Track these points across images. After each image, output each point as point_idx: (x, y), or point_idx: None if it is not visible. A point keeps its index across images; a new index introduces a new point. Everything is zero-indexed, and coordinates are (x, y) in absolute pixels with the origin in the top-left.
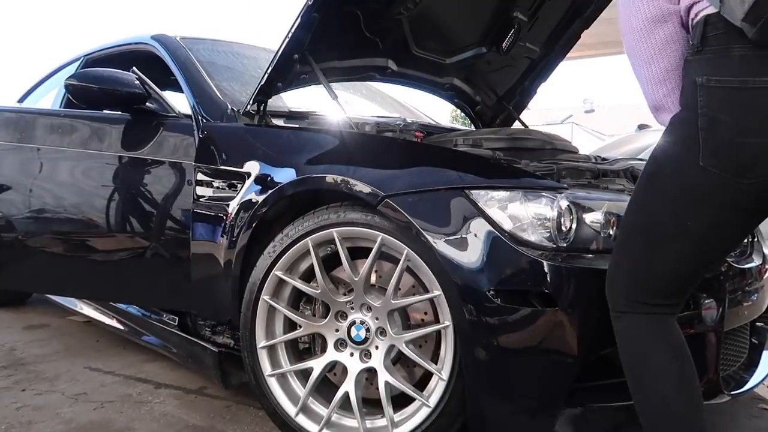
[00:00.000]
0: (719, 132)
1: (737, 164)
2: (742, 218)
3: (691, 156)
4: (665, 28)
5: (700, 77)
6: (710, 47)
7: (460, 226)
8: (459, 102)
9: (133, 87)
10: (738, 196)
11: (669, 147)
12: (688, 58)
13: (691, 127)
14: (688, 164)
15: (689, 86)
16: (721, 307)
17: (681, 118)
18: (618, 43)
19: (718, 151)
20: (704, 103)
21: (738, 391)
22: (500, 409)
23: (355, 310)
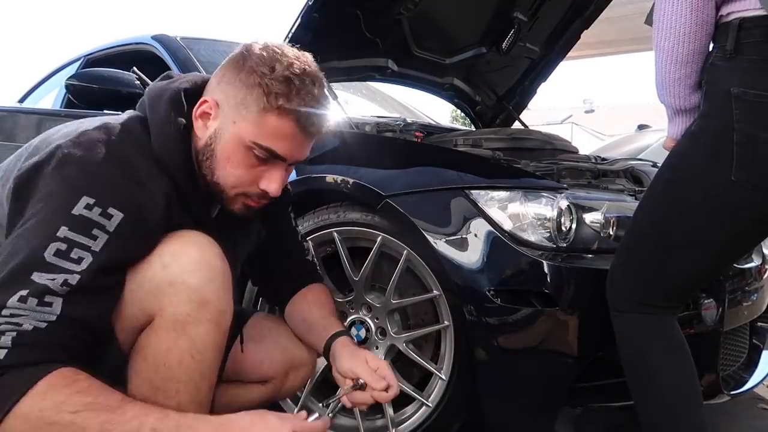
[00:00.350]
0: (758, 149)
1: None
2: (764, 229)
3: (722, 169)
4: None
5: (735, 88)
6: (747, 56)
7: (461, 226)
8: (459, 102)
9: (134, 87)
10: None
11: (693, 157)
12: (717, 62)
13: (724, 140)
14: (717, 177)
15: (719, 95)
16: (721, 307)
17: (709, 128)
18: (618, 43)
19: (753, 167)
20: (741, 117)
21: (738, 390)
22: (500, 408)
23: (355, 310)
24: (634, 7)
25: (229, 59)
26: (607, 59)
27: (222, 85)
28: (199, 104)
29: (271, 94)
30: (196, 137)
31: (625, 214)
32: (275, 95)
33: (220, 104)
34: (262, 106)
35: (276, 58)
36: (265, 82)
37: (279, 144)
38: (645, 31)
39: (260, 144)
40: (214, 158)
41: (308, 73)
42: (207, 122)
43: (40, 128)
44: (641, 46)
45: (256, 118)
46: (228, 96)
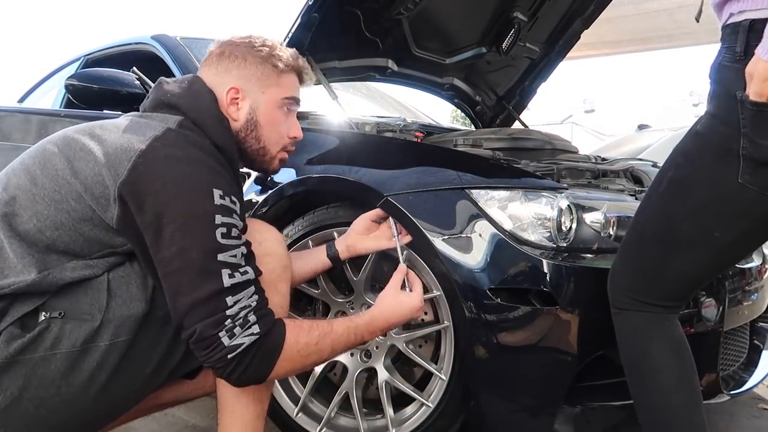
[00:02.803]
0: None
1: None
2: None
3: (729, 171)
4: None
5: (740, 92)
6: None
7: (461, 225)
8: (459, 102)
9: (134, 87)
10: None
11: (700, 157)
12: (725, 63)
13: (732, 143)
14: (725, 179)
15: (726, 97)
16: (721, 307)
17: (717, 129)
18: (618, 43)
19: (759, 171)
20: (746, 124)
21: (738, 390)
22: (500, 408)
23: (355, 310)
24: (634, 8)
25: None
26: (607, 59)
27: (233, 72)
28: (227, 94)
29: (277, 61)
30: (232, 121)
31: (625, 214)
32: (280, 60)
33: (242, 87)
34: (277, 72)
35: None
36: (269, 54)
37: (296, 91)
38: (645, 31)
39: (287, 97)
40: (259, 126)
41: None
42: (237, 105)
43: (40, 128)
44: (641, 46)
45: (277, 81)
46: (246, 77)
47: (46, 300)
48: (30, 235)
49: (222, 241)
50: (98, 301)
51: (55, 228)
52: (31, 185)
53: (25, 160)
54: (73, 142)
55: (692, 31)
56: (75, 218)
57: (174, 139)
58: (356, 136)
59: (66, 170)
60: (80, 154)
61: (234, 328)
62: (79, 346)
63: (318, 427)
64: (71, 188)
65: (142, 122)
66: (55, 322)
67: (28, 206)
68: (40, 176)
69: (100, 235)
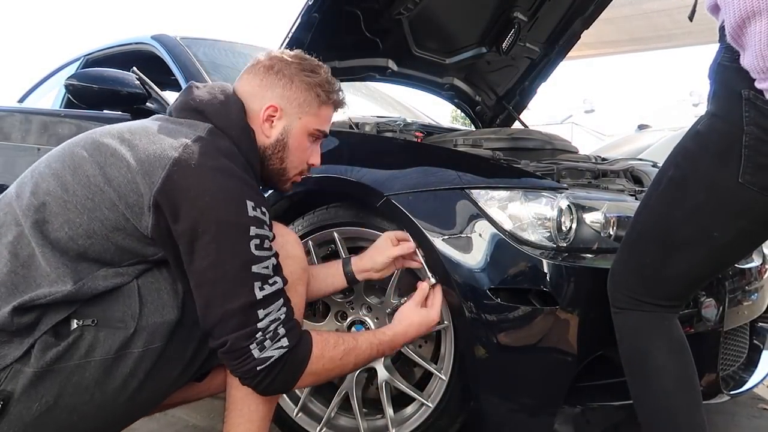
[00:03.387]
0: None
1: None
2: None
3: (729, 171)
4: None
5: (746, 90)
6: None
7: (461, 225)
8: (459, 102)
9: (133, 87)
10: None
11: (700, 157)
12: (725, 63)
13: (733, 142)
14: (725, 179)
15: (728, 96)
16: (721, 307)
17: (717, 129)
18: (618, 43)
19: (761, 170)
20: (751, 121)
21: (737, 390)
22: (500, 408)
23: (355, 310)
24: (634, 8)
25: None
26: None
27: (277, 90)
28: (265, 110)
29: (323, 93)
30: (261, 136)
31: (625, 214)
32: (326, 93)
33: (283, 107)
34: (319, 102)
35: (311, 63)
36: (317, 83)
37: (328, 125)
38: (645, 31)
39: (319, 129)
40: (287, 148)
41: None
42: (272, 123)
43: (40, 128)
44: (641, 46)
45: (317, 111)
46: (288, 99)
47: (77, 308)
48: (62, 243)
49: (256, 252)
50: (131, 309)
51: (87, 236)
52: (62, 191)
53: (53, 163)
54: (103, 146)
55: (692, 31)
56: (108, 227)
57: (206, 148)
58: (356, 136)
59: (99, 177)
60: (111, 160)
61: (264, 341)
62: (113, 353)
63: (318, 427)
64: (105, 196)
65: (171, 127)
66: (89, 330)
67: (59, 213)
68: (72, 182)
69: (132, 244)
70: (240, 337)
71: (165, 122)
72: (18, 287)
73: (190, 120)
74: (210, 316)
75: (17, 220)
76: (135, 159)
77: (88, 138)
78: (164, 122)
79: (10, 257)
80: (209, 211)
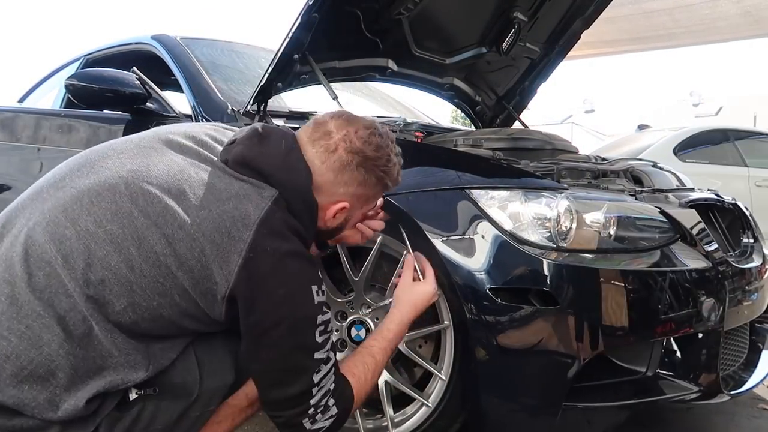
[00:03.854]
0: None
1: None
2: None
3: None
4: None
5: None
6: None
7: (461, 225)
8: (459, 102)
9: (134, 87)
10: None
11: None
12: None
13: None
14: None
15: None
16: (721, 307)
17: None
18: (618, 42)
19: None
20: None
21: (737, 390)
22: (500, 408)
23: (355, 310)
24: (634, 8)
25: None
26: (607, 59)
27: (351, 188)
28: (336, 208)
29: (391, 183)
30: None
31: (625, 214)
32: (393, 182)
33: (351, 204)
34: (382, 190)
35: (385, 153)
36: (383, 174)
37: None
38: (645, 30)
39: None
40: (341, 232)
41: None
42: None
43: (39, 128)
44: (641, 46)
45: (377, 197)
46: (358, 197)
47: None
48: (124, 327)
49: (319, 339)
50: (191, 374)
51: (152, 320)
52: (127, 270)
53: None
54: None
55: (692, 31)
56: (176, 313)
57: (279, 228)
58: None
59: (169, 257)
60: (180, 235)
61: (316, 415)
62: (174, 420)
63: None
64: (176, 282)
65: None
66: (150, 399)
67: (122, 294)
68: (137, 258)
69: (196, 326)
70: (295, 414)
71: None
72: (78, 371)
73: (253, 179)
74: (270, 395)
75: (67, 288)
76: (206, 238)
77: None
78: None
79: (65, 336)
80: (282, 307)
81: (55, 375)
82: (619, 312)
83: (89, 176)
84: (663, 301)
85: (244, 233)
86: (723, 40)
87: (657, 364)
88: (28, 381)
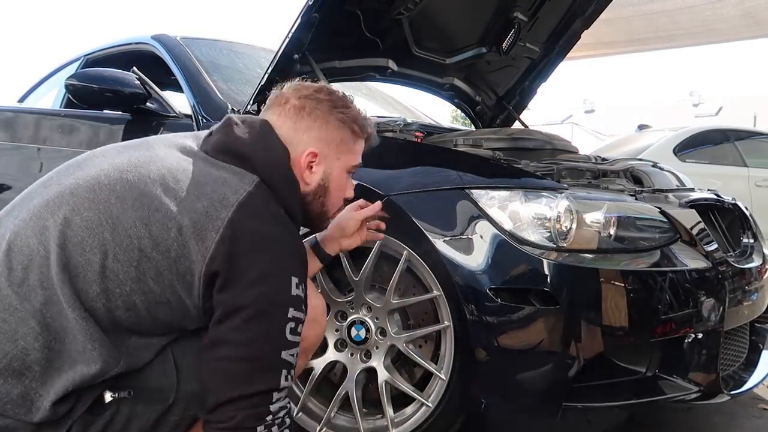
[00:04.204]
0: None
1: None
2: None
3: None
4: None
5: None
6: None
7: (461, 225)
8: (459, 102)
9: (134, 87)
10: None
11: None
12: None
13: None
14: None
15: None
16: (721, 307)
17: None
18: (618, 43)
19: None
20: None
21: (737, 390)
22: (500, 408)
23: (355, 310)
24: (634, 9)
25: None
26: (607, 59)
27: (313, 132)
28: (305, 157)
29: (358, 127)
30: (302, 184)
31: (625, 214)
32: (360, 127)
33: (321, 151)
34: (354, 138)
35: (341, 98)
36: (351, 118)
37: (361, 158)
38: (645, 31)
39: (356, 164)
40: (328, 192)
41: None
42: (311, 170)
43: (39, 128)
44: (641, 46)
45: (352, 148)
46: (326, 141)
47: None
48: (97, 314)
49: (289, 337)
50: (168, 378)
51: (126, 309)
52: (101, 255)
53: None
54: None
55: (692, 32)
56: (150, 301)
57: (259, 210)
58: None
59: (144, 238)
60: (156, 216)
61: (272, 426)
62: (150, 425)
63: (318, 427)
64: (151, 264)
65: (216, 175)
66: (125, 403)
67: (95, 281)
68: (111, 243)
69: (172, 318)
70: (250, 416)
71: (208, 166)
72: (52, 363)
73: (234, 167)
74: (224, 391)
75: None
76: (183, 217)
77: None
78: (206, 166)
79: (41, 329)
80: (255, 287)
81: (30, 368)
82: (619, 312)
83: (74, 175)
84: (663, 301)
85: (222, 212)
86: (723, 41)
87: (657, 365)
88: (3, 375)
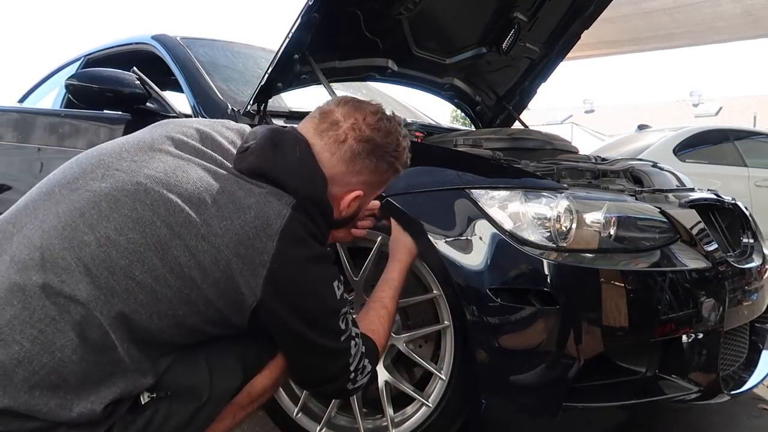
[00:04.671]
0: None
1: None
2: None
3: None
4: None
5: None
6: None
7: (461, 225)
8: (459, 102)
9: (134, 87)
10: None
11: None
12: None
13: None
14: None
15: None
16: (721, 307)
17: None
18: (618, 43)
19: None
20: None
21: (737, 390)
22: (501, 408)
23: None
24: (634, 8)
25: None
26: (607, 59)
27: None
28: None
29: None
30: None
31: (625, 214)
32: (403, 165)
33: (365, 192)
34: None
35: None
36: (400, 163)
37: None
38: (645, 30)
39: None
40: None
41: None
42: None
43: (39, 128)
44: (641, 46)
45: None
46: (370, 184)
47: None
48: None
49: (342, 325)
50: (201, 378)
51: (176, 326)
52: (152, 280)
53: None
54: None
55: (692, 31)
56: (200, 320)
57: (300, 235)
58: None
59: (193, 269)
60: (203, 246)
61: (356, 377)
62: (184, 422)
63: (318, 427)
64: (201, 293)
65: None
66: (162, 403)
67: (147, 304)
68: (161, 269)
69: (218, 332)
70: (339, 386)
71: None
72: (89, 377)
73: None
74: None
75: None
76: (230, 250)
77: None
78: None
79: (80, 342)
80: (309, 310)
81: (66, 381)
82: (619, 312)
83: (105, 179)
84: (663, 301)
85: (268, 244)
86: (723, 41)
87: (657, 365)
88: (39, 386)
